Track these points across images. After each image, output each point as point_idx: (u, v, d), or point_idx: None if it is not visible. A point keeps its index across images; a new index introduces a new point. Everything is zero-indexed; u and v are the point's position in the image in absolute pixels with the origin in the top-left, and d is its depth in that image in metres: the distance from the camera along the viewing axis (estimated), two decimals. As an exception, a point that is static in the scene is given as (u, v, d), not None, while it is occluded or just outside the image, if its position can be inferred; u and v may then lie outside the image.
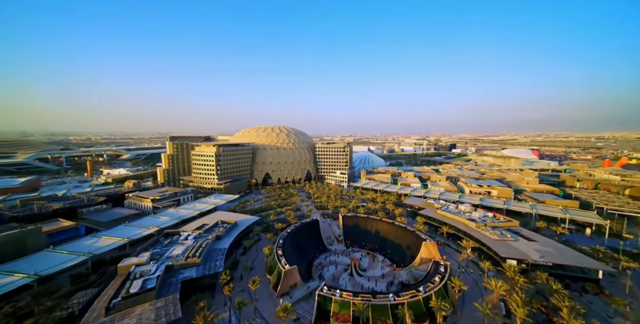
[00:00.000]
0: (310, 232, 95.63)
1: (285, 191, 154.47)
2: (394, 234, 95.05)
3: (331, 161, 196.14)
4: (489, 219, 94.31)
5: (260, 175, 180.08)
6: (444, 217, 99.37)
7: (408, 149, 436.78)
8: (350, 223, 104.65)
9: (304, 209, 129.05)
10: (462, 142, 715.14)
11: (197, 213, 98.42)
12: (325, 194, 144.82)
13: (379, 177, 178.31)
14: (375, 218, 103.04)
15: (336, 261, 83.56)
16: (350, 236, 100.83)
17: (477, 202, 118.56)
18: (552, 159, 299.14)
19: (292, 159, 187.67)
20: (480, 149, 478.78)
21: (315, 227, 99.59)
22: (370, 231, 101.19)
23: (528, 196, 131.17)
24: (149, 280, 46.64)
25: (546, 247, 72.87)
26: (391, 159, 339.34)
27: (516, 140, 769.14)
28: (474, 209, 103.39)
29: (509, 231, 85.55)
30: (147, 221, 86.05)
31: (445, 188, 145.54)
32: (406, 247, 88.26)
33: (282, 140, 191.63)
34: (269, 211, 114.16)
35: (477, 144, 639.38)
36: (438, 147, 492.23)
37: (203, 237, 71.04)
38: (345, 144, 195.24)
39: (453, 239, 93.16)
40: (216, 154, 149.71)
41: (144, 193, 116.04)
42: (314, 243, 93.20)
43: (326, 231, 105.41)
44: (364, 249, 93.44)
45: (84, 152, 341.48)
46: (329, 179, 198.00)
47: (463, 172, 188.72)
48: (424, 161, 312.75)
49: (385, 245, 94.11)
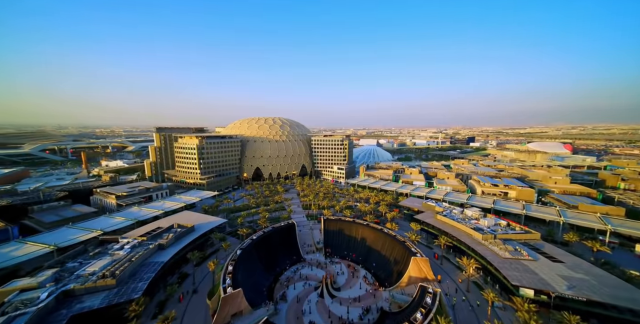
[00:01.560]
0: (283, 239, 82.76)
1: (272, 187, 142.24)
2: (381, 244, 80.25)
3: (328, 155, 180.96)
4: (501, 228, 76.67)
5: (250, 169, 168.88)
6: (443, 225, 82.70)
7: (421, 142, 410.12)
8: (333, 228, 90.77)
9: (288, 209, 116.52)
10: (483, 135, 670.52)
11: (161, 212, 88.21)
12: (315, 192, 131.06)
13: (380, 173, 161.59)
14: (361, 223, 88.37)
15: (307, 276, 70.27)
16: (332, 244, 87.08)
17: (489, 205, 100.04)
18: (588, 154, 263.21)
19: (285, 152, 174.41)
20: (502, 142, 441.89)
21: (291, 232, 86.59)
22: (355, 238, 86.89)
23: (555, 198, 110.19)
24: (19, 317, 35.22)
25: (578, 271, 55.15)
26: (400, 153, 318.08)
27: (545, 133, 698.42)
28: (483, 215, 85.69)
29: (526, 245, 67.99)
30: (97, 222, 76.42)
31: (453, 187, 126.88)
32: (394, 261, 73.33)
33: (274, 132, 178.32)
34: (247, 211, 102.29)
35: (500, 137, 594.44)
36: (454, 140, 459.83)
37: (143, 246, 59.92)
38: (343, 137, 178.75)
39: (455, 251, 77.00)
40: (198, 146, 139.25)
41: (115, 188, 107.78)
42: (287, 251, 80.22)
43: (306, 237, 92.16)
44: (346, 260, 79.60)
45: (90, 144, 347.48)
46: (326, 174, 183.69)
47: (477, 168, 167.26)
48: (436, 155, 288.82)
49: (370, 256, 79.60)
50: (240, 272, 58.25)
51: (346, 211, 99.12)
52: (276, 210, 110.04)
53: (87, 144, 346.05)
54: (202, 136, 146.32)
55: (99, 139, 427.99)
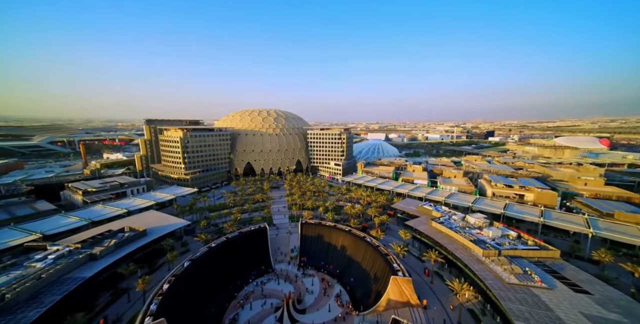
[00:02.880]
0: (251, 246, 72.39)
1: (259, 184, 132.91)
2: (362, 256, 68.56)
3: (325, 150, 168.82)
4: (509, 241, 62.42)
5: (241, 165, 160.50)
6: (438, 234, 69.40)
7: (433, 137, 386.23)
8: (311, 234, 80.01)
9: (274, 209, 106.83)
10: (504, 129, 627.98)
11: (124, 211, 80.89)
12: (303, 190, 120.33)
13: (380, 170, 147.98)
14: (343, 229, 76.82)
15: (271, 292, 60.16)
16: (308, 252, 76.42)
17: (499, 210, 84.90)
18: (629, 150, 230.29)
19: (279, 147, 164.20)
20: (525, 137, 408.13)
21: (262, 237, 76.42)
22: (334, 247, 75.69)
23: (584, 204, 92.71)
24: None
25: (611, 309, 40.82)
26: (410, 148, 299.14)
27: (578, 126, 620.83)
28: (488, 223, 71.47)
29: (540, 266, 53.86)
30: (45, 223, 69.52)
31: (459, 187, 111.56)
32: (374, 277, 61.57)
33: (268, 125, 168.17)
34: (218, 212, 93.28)
35: (524, 131, 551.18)
36: (471, 134, 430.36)
37: (73, 256, 51.91)
38: (341, 131, 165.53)
39: (451, 266, 63.95)
40: (182, 139, 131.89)
41: (88, 183, 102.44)
42: (254, 260, 69.93)
43: (282, 242, 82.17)
44: (321, 272, 68.77)
45: (98, 137, 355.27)
46: (323, 170, 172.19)
47: (491, 166, 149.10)
48: (448, 150, 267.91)
49: (349, 270, 68.21)
50: (180, 291, 48.73)
51: (329, 213, 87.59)
52: (255, 210, 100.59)
53: (94, 136, 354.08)
54: (186, 128, 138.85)
55: (110, 132, 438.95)
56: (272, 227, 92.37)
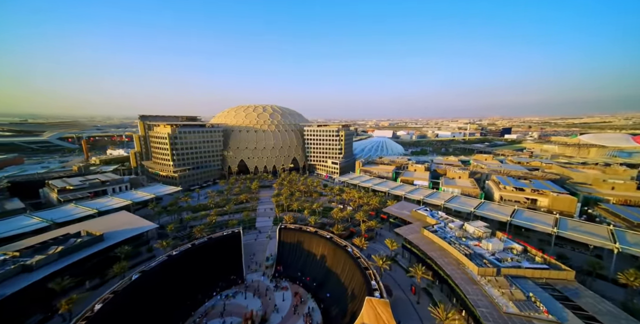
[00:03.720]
0: (222, 253, 65.70)
1: (248, 183, 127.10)
2: (341, 268, 60.77)
3: (322, 147, 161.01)
4: (512, 257, 52.78)
5: (234, 162, 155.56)
6: (429, 245, 60.49)
7: (444, 134, 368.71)
8: (290, 240, 72.99)
9: (260, 209, 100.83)
10: (524, 126, 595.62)
11: (94, 212, 76.56)
12: (293, 190, 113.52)
13: (379, 169, 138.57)
14: (324, 236, 69.15)
15: (234, 309, 53.49)
16: (285, 261, 69.55)
17: (505, 217, 74.51)
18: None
19: (274, 144, 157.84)
20: (546, 134, 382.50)
21: (235, 244, 69.78)
22: (314, 256, 68.25)
23: (609, 211, 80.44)
24: None
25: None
26: (418, 146, 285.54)
27: (608, 123, 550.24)
28: (489, 234, 61.78)
29: (548, 290, 44.36)
30: (4, 224, 66.42)
31: (462, 190, 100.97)
32: (351, 295, 53.70)
33: (263, 121, 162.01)
34: (198, 213, 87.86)
35: (546, 128, 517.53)
36: (486, 132, 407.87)
37: (3, 267, 46.87)
38: (338, 127, 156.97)
39: (442, 283, 55.21)
40: (170, 135, 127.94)
41: (68, 180, 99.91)
42: (224, 270, 63.25)
43: (260, 248, 75.78)
44: (296, 285, 61.68)
45: (105, 133, 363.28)
46: (320, 169, 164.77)
47: (502, 166, 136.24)
48: (458, 148, 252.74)
49: (327, 283, 60.71)
50: (116, 313, 42.09)
51: (312, 217, 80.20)
52: (237, 212, 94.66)
53: (103, 133, 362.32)
54: (176, 124, 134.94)
55: (119, 129, 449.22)
56: (254, 230, 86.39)
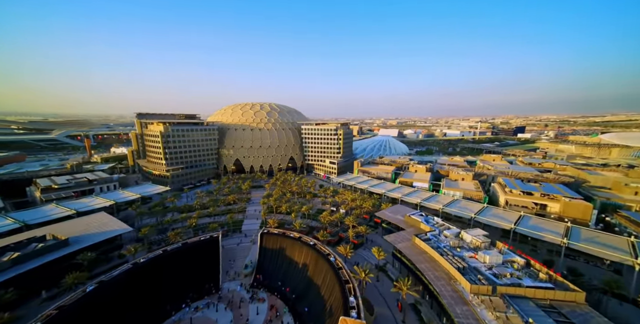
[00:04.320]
0: (197, 260, 61.81)
1: (241, 183, 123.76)
2: (322, 278, 56.05)
3: (320, 146, 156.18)
4: (512, 272, 46.68)
5: (230, 161, 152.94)
6: (419, 256, 55.02)
7: (453, 133, 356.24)
8: (272, 246, 68.80)
9: (250, 211, 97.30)
10: (540, 124, 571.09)
11: (72, 213, 74.36)
12: (284, 191, 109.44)
13: (378, 170, 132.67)
14: (307, 242, 64.63)
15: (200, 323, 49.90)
16: (266, 268, 65.35)
17: (509, 225, 67.81)
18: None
19: (270, 142, 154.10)
20: (564, 133, 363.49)
21: (212, 249, 65.72)
22: (296, 265, 63.75)
23: (631, 220, 72.02)
24: None
25: None
26: (424, 145, 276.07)
27: (635, 121, 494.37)
28: (488, 244, 55.74)
29: (551, 314, 38.28)
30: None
31: (464, 193, 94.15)
32: (329, 311, 48.90)
33: (259, 119, 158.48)
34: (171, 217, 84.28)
35: (564, 127, 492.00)
36: (498, 130, 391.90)
37: None
38: (337, 126, 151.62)
39: (432, 298, 49.76)
40: (162, 133, 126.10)
41: (55, 179, 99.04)
42: (199, 278, 59.13)
43: (241, 254, 71.76)
44: (274, 296, 57.36)
45: (112, 131, 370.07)
46: (319, 169, 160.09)
47: (511, 167, 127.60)
48: (466, 148, 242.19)
49: (307, 295, 56.18)
50: None
51: (297, 222, 75.76)
52: (224, 213, 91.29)
53: (110, 130, 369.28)
54: (169, 121, 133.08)
55: (127, 127, 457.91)
56: (239, 234, 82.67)
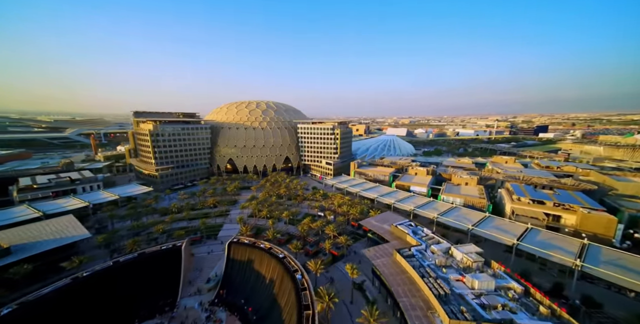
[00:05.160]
0: (153, 273, 56.97)
1: (229, 183, 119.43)
2: (286, 299, 49.70)
3: (317, 146, 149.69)
4: (505, 302, 38.29)
5: (223, 161, 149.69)
6: (398, 275, 47.53)
7: (466, 132, 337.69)
8: (240, 258, 63.06)
9: (233, 214, 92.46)
10: (566, 123, 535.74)
11: (39, 215, 71.54)
12: (272, 193, 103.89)
13: (376, 171, 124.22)
14: (277, 255, 58.49)
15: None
16: (232, 282, 59.68)
17: (511, 239, 58.49)
18: None
19: (264, 142, 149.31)
20: (594, 133, 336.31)
21: (174, 260, 59.90)
22: (263, 279, 57.73)
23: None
24: None
25: None
26: (434, 145, 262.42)
27: None
28: (481, 264, 47.33)
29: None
30: None
31: (465, 199, 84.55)
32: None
33: (254, 118, 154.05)
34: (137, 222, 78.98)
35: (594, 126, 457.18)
36: (516, 130, 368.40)
37: None
38: (334, 125, 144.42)
39: None
40: (151, 132, 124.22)
41: (39, 178, 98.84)
42: (154, 292, 54.12)
43: (210, 265, 66.21)
44: (234, 316, 51.56)
45: (122, 130, 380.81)
46: (315, 170, 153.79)
47: (525, 171, 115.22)
48: (479, 149, 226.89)
49: (270, 317, 50.12)
50: None
51: (270, 231, 69.71)
52: (199, 217, 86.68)
53: (120, 129, 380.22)
54: (159, 120, 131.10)
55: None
56: (213, 241, 77.66)
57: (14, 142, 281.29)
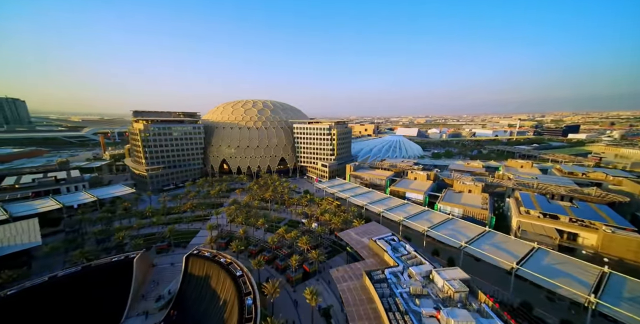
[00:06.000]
0: (98, 290, 51.79)
1: (216, 185, 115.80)
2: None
3: (313, 147, 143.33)
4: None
5: (216, 161, 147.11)
6: (362, 305, 40.15)
7: (484, 133, 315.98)
8: (198, 273, 57.42)
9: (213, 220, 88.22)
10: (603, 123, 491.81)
11: (6, 217, 69.51)
12: (256, 198, 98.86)
13: (373, 175, 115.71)
14: (234, 272, 52.60)
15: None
16: (186, 301, 54.22)
17: (510, 263, 48.91)
18: None
19: (258, 142, 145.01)
20: (635, 134, 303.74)
21: (123, 275, 54.89)
22: (217, 302, 51.65)
23: None
24: None
25: None
26: (447, 146, 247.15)
27: None
28: (465, 295, 38.84)
29: None
30: None
31: (465, 210, 74.53)
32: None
33: (249, 117, 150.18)
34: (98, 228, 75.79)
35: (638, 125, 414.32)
36: (542, 130, 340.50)
37: None
38: (330, 125, 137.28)
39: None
40: (141, 131, 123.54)
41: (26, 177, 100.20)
42: (91, 316, 48.33)
43: (168, 280, 60.58)
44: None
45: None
46: (312, 172, 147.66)
47: (542, 177, 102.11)
48: (495, 151, 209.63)
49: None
50: None
51: (234, 243, 64.08)
52: (172, 223, 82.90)
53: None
54: (150, 119, 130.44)
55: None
56: (182, 250, 72.70)
57: (37, 141, 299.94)
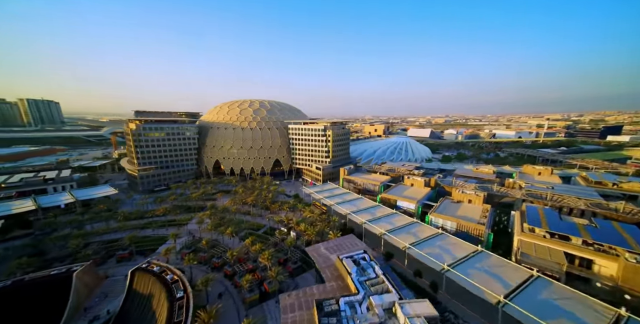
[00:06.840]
0: (28, 308, 47.46)
1: (203, 188, 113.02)
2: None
3: (308, 149, 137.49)
4: None
5: (210, 162, 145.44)
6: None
7: (505, 134, 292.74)
8: (143, 290, 52.25)
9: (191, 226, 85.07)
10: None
11: None
12: (238, 202, 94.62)
13: (367, 180, 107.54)
14: (175, 292, 47.61)
15: None
16: (128, 319, 49.86)
17: (497, 296, 39.86)
18: None
19: (252, 143, 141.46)
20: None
21: (60, 290, 49.73)
22: (155, 322, 47.32)
23: None
24: None
25: None
26: (461, 148, 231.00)
27: None
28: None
29: None
30: None
31: (459, 224, 65.11)
32: None
33: (244, 117, 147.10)
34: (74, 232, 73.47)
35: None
36: (575, 131, 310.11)
37: None
38: (325, 125, 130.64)
39: None
40: (133, 131, 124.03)
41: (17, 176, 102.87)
42: None
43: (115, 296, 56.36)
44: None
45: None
46: (307, 174, 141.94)
47: (560, 187, 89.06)
48: (515, 154, 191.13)
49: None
50: None
51: (188, 256, 59.18)
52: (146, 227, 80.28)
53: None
54: (142, 119, 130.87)
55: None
56: (142, 259, 68.67)
57: (59, 140, 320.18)
